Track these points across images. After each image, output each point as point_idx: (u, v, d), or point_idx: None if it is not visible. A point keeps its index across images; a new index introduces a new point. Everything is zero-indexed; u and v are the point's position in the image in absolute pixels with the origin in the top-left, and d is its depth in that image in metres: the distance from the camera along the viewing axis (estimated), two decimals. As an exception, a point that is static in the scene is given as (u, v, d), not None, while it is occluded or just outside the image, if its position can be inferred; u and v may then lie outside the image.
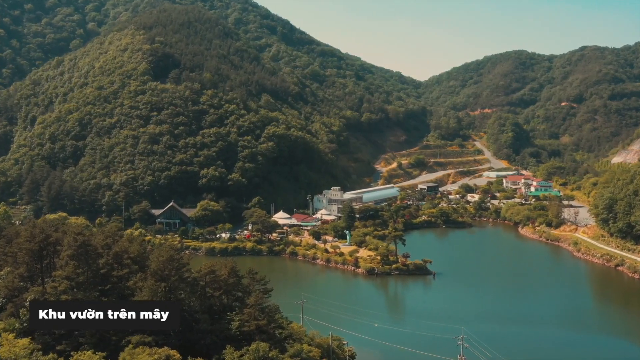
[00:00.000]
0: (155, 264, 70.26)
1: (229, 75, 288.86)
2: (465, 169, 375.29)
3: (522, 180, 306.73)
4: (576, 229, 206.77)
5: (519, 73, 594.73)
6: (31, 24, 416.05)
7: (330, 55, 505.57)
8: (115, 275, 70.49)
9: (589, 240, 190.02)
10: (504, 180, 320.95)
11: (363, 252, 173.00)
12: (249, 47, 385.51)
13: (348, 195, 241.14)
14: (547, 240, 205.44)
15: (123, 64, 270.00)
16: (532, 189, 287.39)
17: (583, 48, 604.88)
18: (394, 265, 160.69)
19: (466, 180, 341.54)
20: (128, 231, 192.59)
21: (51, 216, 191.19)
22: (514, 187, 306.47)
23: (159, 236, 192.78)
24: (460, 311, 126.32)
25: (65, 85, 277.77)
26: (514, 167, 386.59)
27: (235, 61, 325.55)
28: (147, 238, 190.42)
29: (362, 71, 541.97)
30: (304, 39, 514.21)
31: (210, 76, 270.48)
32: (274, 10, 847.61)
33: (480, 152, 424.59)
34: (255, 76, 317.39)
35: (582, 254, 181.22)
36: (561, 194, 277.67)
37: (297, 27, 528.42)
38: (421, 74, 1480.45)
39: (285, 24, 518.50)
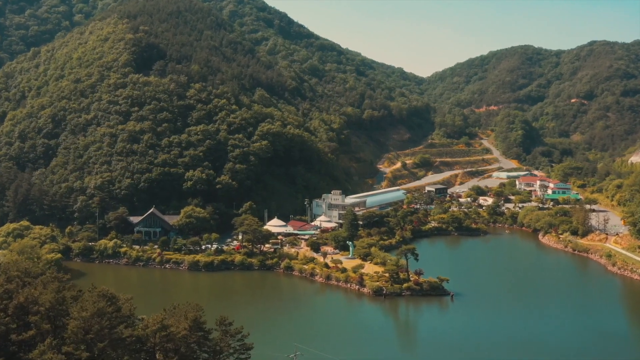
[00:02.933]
0: (75, 323, 47.30)
1: (220, 68, 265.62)
2: (473, 169, 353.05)
3: (538, 182, 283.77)
4: (606, 238, 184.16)
5: (526, 69, 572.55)
6: (14, 15, 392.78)
7: (329, 49, 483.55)
8: (15, 341, 47.43)
9: (623, 252, 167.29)
10: (517, 182, 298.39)
11: (369, 267, 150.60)
12: (244, 39, 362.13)
13: (350, 199, 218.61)
14: (574, 250, 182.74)
15: (103, 54, 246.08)
16: (550, 191, 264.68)
17: (592, 43, 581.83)
18: (405, 285, 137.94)
19: (475, 181, 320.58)
20: (101, 242, 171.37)
21: (12, 225, 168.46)
22: (528, 189, 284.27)
23: (137, 247, 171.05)
24: (487, 343, 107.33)
25: (39, 78, 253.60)
26: (524, 167, 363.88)
27: (228, 53, 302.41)
28: (122, 249, 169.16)
29: (363, 66, 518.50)
30: (302, 32, 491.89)
31: (198, 68, 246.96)
32: (271, 3, 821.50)
33: (488, 151, 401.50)
34: (249, 69, 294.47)
35: (618, 268, 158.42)
36: (581, 197, 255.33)
37: (295, 20, 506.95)
38: (424, 70, 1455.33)
39: (283, 17, 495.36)
